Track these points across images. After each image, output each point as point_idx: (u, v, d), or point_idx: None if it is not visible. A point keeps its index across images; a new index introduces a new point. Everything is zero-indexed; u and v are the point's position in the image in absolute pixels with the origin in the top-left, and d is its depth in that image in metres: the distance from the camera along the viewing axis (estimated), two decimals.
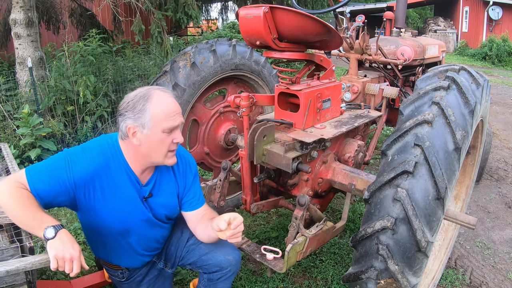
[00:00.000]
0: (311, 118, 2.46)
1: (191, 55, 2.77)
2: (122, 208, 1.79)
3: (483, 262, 3.09)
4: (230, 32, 11.64)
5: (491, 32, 17.43)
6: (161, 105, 1.66)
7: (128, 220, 1.83)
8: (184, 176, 1.96)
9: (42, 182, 1.61)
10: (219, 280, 2.02)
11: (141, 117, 1.64)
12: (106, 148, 1.76)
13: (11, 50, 7.93)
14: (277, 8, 2.11)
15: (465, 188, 2.94)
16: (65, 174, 1.64)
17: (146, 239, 1.95)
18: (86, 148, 1.74)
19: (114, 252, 1.94)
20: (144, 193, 1.84)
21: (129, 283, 2.07)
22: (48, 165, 1.66)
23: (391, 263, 1.70)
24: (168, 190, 1.92)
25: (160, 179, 1.89)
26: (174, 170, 1.93)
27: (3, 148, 2.94)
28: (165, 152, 1.72)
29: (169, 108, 1.68)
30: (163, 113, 1.66)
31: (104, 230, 1.82)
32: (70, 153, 1.71)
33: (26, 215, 1.52)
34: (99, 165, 1.71)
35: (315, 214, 2.42)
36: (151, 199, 1.87)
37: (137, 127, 1.66)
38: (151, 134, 1.66)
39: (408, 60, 3.38)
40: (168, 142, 1.70)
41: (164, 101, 1.68)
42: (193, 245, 2.06)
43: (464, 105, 1.91)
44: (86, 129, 5.12)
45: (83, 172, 1.67)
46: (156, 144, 1.69)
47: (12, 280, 1.64)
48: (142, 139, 1.68)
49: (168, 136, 1.69)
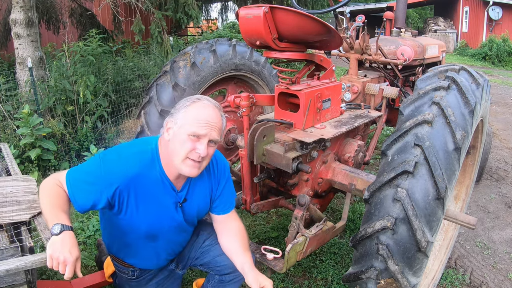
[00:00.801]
0: (311, 118, 2.46)
1: (191, 55, 2.77)
2: (154, 214, 1.79)
3: (483, 262, 3.09)
4: (230, 32, 11.63)
5: (491, 32, 17.42)
6: (197, 109, 1.67)
7: (159, 226, 1.83)
8: (218, 179, 1.95)
9: (80, 191, 1.66)
10: (230, 282, 2.02)
11: (177, 114, 1.68)
12: (143, 156, 1.73)
13: (11, 50, 7.92)
14: (277, 8, 2.11)
15: (465, 188, 2.94)
16: (101, 184, 1.66)
17: (172, 243, 1.96)
18: (122, 155, 1.72)
19: (136, 253, 1.93)
20: (179, 199, 1.83)
21: (139, 281, 2.06)
22: (86, 173, 1.69)
23: (391, 263, 1.70)
24: (201, 194, 1.91)
25: (194, 184, 1.88)
26: (209, 173, 1.92)
27: (3, 148, 2.94)
28: (183, 157, 1.66)
29: (202, 114, 1.66)
30: (194, 117, 1.65)
31: (131, 233, 1.82)
32: (106, 161, 1.70)
33: (48, 208, 1.59)
34: (134, 174, 1.69)
35: (315, 214, 2.42)
36: (185, 204, 1.86)
37: (171, 122, 1.69)
38: (178, 133, 1.66)
39: (408, 60, 3.38)
40: (189, 147, 1.64)
41: (201, 107, 1.68)
42: (208, 246, 2.06)
43: (464, 105, 1.91)
44: (86, 129, 5.12)
45: (118, 181, 1.67)
46: (178, 144, 1.66)
47: (12, 280, 1.64)
48: (171, 134, 1.68)
49: (192, 142, 1.64)
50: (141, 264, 1.99)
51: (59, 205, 1.60)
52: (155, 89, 2.77)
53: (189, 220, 1.92)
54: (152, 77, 6.50)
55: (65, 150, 4.84)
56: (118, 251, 1.99)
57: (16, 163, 2.68)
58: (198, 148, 1.65)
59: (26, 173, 4.20)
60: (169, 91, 2.72)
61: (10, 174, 2.52)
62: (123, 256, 1.98)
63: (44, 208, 1.61)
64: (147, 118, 2.75)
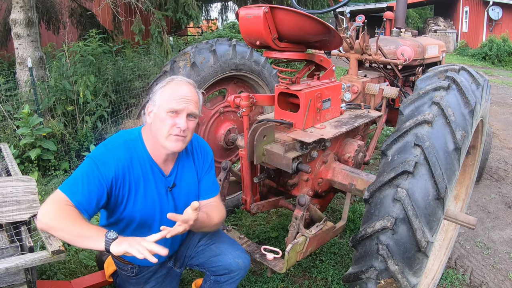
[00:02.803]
0: (311, 118, 2.46)
1: (191, 55, 2.77)
2: (147, 201, 1.82)
3: (483, 262, 3.09)
4: (230, 32, 11.63)
5: (491, 32, 17.42)
6: (171, 87, 1.78)
7: (152, 213, 1.86)
8: (202, 163, 2.02)
9: (83, 194, 1.65)
10: (226, 283, 2.02)
11: (154, 96, 1.79)
12: (129, 143, 1.80)
13: (11, 50, 7.93)
14: (277, 8, 2.11)
15: (465, 188, 2.94)
16: (99, 179, 1.68)
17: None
18: (108, 146, 1.78)
19: None
20: (168, 183, 1.88)
21: (138, 279, 2.07)
22: (81, 176, 1.68)
23: (391, 263, 1.70)
24: (190, 178, 1.96)
25: (182, 168, 1.93)
26: (193, 156, 1.99)
27: (3, 148, 2.94)
28: (166, 134, 1.74)
29: (177, 91, 1.76)
30: (170, 95, 1.75)
31: (128, 225, 1.85)
32: (95, 156, 1.73)
33: (81, 227, 1.54)
34: (126, 161, 1.76)
35: (315, 214, 2.42)
36: (174, 189, 1.90)
37: (151, 106, 1.79)
38: (157, 113, 1.75)
39: (408, 60, 3.38)
40: (170, 124, 1.73)
41: (175, 85, 1.79)
42: (203, 246, 2.07)
43: (464, 105, 1.90)
44: (86, 129, 5.11)
45: (113, 170, 1.72)
46: (160, 123, 1.74)
47: (12, 280, 1.64)
48: (152, 117, 1.78)
49: (171, 118, 1.73)
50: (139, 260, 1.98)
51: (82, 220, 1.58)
52: None
53: (180, 206, 1.92)
54: (152, 77, 6.49)
55: (65, 150, 4.83)
56: None
57: (16, 163, 2.68)
58: (178, 123, 1.74)
59: (26, 173, 4.20)
60: None
61: (10, 174, 2.52)
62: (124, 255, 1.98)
63: (74, 229, 1.53)
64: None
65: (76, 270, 2.74)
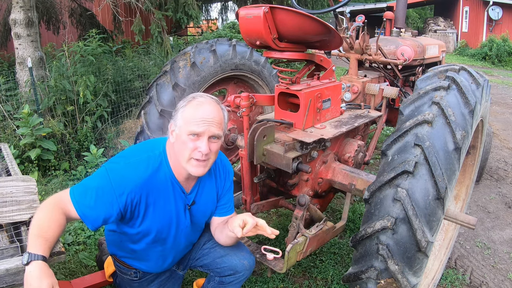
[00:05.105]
0: (311, 118, 2.46)
1: (191, 55, 2.77)
2: (164, 218, 1.78)
3: (483, 262, 3.09)
4: (230, 32, 11.63)
5: (491, 32, 17.42)
6: (192, 108, 1.66)
7: (168, 229, 1.83)
8: (223, 181, 1.97)
9: (89, 208, 1.61)
10: (230, 284, 2.02)
11: (176, 116, 1.69)
12: (153, 159, 1.73)
13: (11, 50, 7.93)
14: (277, 8, 2.11)
15: (465, 188, 2.94)
16: (110, 200, 1.62)
17: (179, 247, 1.96)
18: (130, 161, 1.70)
19: (143, 259, 1.93)
20: (188, 201, 1.84)
21: (141, 282, 2.06)
22: (92, 189, 1.63)
23: (391, 263, 1.70)
24: (209, 196, 1.92)
25: (203, 186, 1.88)
26: (215, 175, 1.93)
27: (3, 148, 2.94)
28: (187, 157, 1.66)
29: (199, 112, 1.65)
30: (191, 116, 1.64)
31: (141, 239, 1.82)
32: (113, 171, 1.66)
33: (31, 233, 1.51)
34: (144, 180, 1.68)
35: (315, 214, 2.42)
36: (193, 206, 1.87)
37: (173, 125, 1.70)
38: (179, 134, 1.66)
39: (408, 60, 3.38)
40: (191, 147, 1.64)
41: (196, 106, 1.67)
42: (208, 249, 2.06)
43: (464, 105, 1.90)
44: (86, 129, 5.12)
45: (129, 189, 1.65)
46: (181, 146, 1.66)
47: (12, 280, 1.63)
48: (175, 137, 1.69)
49: (192, 141, 1.64)
50: (146, 268, 1.99)
51: (44, 230, 1.51)
52: (155, 89, 2.77)
53: (197, 223, 1.93)
54: (152, 77, 6.50)
55: (65, 150, 4.84)
56: (125, 257, 1.98)
57: (16, 163, 2.68)
58: (199, 147, 1.64)
59: (26, 173, 4.20)
60: (169, 91, 2.72)
61: (10, 174, 2.52)
62: (130, 262, 1.98)
63: (29, 231, 1.52)
64: (147, 118, 2.75)
65: (76, 270, 2.74)
